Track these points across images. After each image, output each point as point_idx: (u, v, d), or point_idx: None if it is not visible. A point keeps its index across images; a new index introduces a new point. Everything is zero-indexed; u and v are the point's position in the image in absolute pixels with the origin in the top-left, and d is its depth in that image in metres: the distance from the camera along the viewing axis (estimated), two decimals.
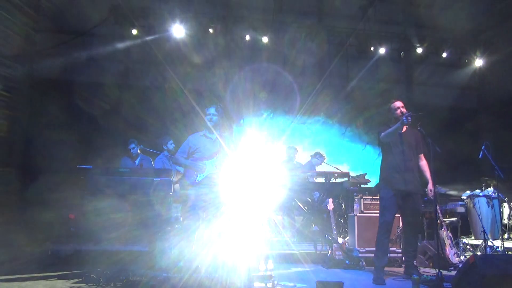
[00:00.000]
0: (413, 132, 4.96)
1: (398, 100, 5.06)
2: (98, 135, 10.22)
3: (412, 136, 4.96)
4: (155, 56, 11.75)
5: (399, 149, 4.85)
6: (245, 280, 3.88)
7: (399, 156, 4.83)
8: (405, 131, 4.93)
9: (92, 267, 4.82)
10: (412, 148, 4.91)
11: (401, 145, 4.84)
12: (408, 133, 4.96)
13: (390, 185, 4.81)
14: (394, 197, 4.76)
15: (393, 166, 4.84)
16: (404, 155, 4.81)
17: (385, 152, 4.99)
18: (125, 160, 6.96)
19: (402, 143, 4.85)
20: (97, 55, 11.41)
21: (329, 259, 5.53)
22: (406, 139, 4.89)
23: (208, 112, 4.80)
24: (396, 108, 4.93)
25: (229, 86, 12.02)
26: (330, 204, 6.03)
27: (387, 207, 4.79)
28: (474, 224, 6.49)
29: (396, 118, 4.86)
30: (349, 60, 12.10)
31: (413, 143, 4.94)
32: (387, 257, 4.78)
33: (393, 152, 4.87)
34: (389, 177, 4.84)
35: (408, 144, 4.89)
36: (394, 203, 4.76)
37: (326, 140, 11.17)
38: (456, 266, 5.29)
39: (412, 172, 4.81)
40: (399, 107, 4.92)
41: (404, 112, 4.82)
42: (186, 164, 4.72)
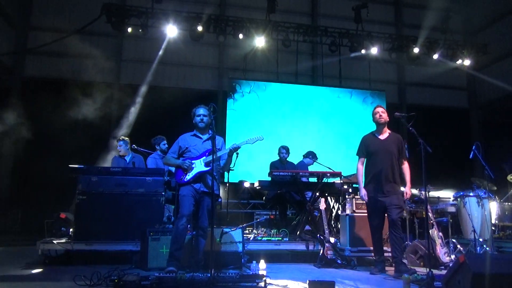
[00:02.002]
0: (394, 139, 5.13)
1: (380, 106, 5.31)
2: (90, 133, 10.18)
3: (393, 143, 5.11)
4: (148, 55, 11.74)
5: (379, 158, 5.08)
6: (236, 278, 3.88)
7: (379, 164, 5.04)
8: (386, 138, 5.12)
9: (83, 267, 4.81)
10: (393, 155, 5.05)
11: (381, 154, 5.05)
12: (389, 141, 5.12)
13: (370, 192, 5.07)
14: (376, 203, 5.01)
15: (373, 175, 5.08)
16: (383, 164, 5.01)
17: (366, 160, 5.23)
18: (117, 159, 6.92)
19: (381, 152, 5.04)
20: (89, 54, 11.36)
21: (321, 259, 5.54)
22: (386, 147, 5.06)
23: (198, 113, 4.78)
24: (375, 113, 5.20)
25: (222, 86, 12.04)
26: (322, 203, 6.04)
27: (372, 212, 5.10)
28: (465, 224, 6.53)
29: (376, 122, 5.20)
30: (342, 60, 12.16)
31: (394, 151, 5.08)
32: (382, 252, 5.11)
33: (373, 161, 5.11)
34: (369, 185, 5.10)
35: (389, 152, 5.05)
36: (378, 208, 5.01)
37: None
38: (447, 265, 5.31)
39: (390, 180, 5.00)
40: (378, 112, 5.17)
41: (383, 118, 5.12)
42: (176, 163, 4.70)
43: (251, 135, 4.89)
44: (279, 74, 11.97)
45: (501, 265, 3.50)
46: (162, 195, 5.93)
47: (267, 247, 6.01)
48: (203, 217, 4.63)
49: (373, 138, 5.22)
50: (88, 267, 4.62)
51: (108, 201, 5.68)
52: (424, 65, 12.33)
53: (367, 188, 5.13)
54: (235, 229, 5.41)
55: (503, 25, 12.17)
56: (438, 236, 5.72)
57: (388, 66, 13.01)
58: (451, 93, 13.54)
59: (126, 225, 5.59)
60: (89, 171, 5.78)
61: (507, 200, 7.70)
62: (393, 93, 12.88)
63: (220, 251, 5.13)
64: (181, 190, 4.65)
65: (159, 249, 4.97)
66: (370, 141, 5.23)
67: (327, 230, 5.74)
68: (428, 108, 12.79)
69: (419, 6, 13.57)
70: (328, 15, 12.84)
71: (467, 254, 4.99)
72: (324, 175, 6.74)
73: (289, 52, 11.72)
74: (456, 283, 3.51)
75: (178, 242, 4.47)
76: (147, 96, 11.15)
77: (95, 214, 5.57)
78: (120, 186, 5.81)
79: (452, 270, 3.63)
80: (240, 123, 11.15)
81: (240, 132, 10.74)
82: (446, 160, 10.26)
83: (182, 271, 4.25)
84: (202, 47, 11.95)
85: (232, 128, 11.04)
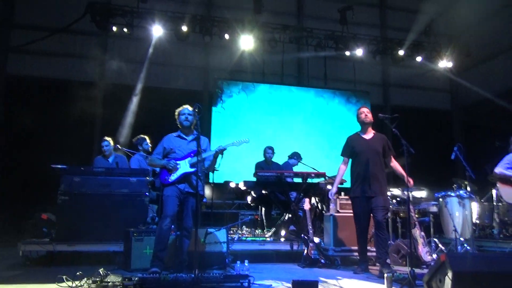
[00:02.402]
0: (379, 139, 5.18)
1: (364, 107, 5.39)
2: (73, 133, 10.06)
3: (378, 142, 5.15)
4: (133, 55, 11.65)
5: (364, 157, 5.09)
6: (220, 279, 3.88)
7: (364, 164, 5.07)
8: (371, 138, 5.17)
9: (65, 268, 4.74)
10: (378, 154, 5.09)
11: (366, 153, 5.06)
12: (374, 140, 5.16)
13: (356, 192, 5.10)
14: (362, 204, 5.04)
15: (359, 175, 5.10)
16: (369, 164, 5.03)
17: (352, 160, 5.27)
18: (100, 159, 6.84)
19: (367, 151, 5.07)
20: (73, 53, 11.24)
21: (305, 258, 5.58)
22: (371, 146, 5.10)
23: (183, 112, 4.77)
24: (360, 113, 5.25)
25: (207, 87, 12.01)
26: (307, 204, 6.08)
27: (359, 213, 5.12)
28: (446, 223, 6.63)
29: (360, 122, 5.25)
30: (327, 62, 12.24)
31: (380, 150, 5.12)
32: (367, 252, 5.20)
33: (359, 161, 5.13)
34: (355, 185, 5.13)
35: (374, 151, 5.08)
36: (364, 209, 5.04)
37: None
38: (428, 264, 5.40)
39: (376, 179, 5.03)
40: (363, 111, 5.24)
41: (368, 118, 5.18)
42: (161, 163, 4.67)
43: (237, 136, 4.91)
44: (265, 75, 11.99)
45: (481, 264, 3.56)
46: (146, 196, 5.90)
47: (252, 247, 6.03)
48: (188, 217, 4.62)
49: (359, 138, 5.25)
50: (70, 268, 4.56)
51: (91, 201, 5.63)
52: (408, 67, 12.47)
53: (354, 189, 5.14)
54: (220, 229, 5.41)
55: (485, 28, 12.38)
56: (420, 236, 5.80)
57: (372, 67, 13.12)
58: (435, 95, 13.73)
59: (110, 226, 5.55)
60: (72, 171, 5.72)
61: (488, 200, 7.84)
62: (377, 94, 13.00)
63: (204, 251, 5.12)
64: (165, 190, 4.63)
65: (143, 250, 4.94)
66: (355, 141, 5.25)
67: (311, 230, 5.77)
68: (411, 110, 12.94)
69: (404, 9, 13.74)
70: (314, 17, 12.90)
71: (448, 253, 5.07)
72: (308, 175, 6.78)
73: (275, 53, 11.74)
74: (437, 281, 3.57)
75: (162, 243, 4.45)
76: (131, 96, 11.06)
77: (77, 215, 5.52)
78: (104, 187, 5.77)
79: (433, 269, 3.69)
80: (226, 124, 11.14)
81: (225, 133, 10.73)
82: (428, 161, 10.37)
83: (165, 271, 4.24)
84: (188, 47, 11.90)
85: (217, 129, 11.02)
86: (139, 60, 11.68)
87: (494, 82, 12.25)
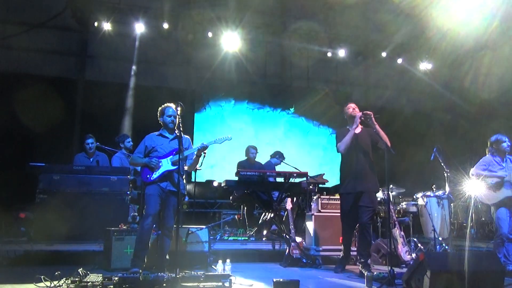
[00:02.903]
0: (368, 133, 5.13)
1: (352, 102, 5.33)
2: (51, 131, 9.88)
3: (367, 136, 5.12)
4: (115, 51, 11.49)
5: (354, 152, 5.04)
6: (202, 278, 3.87)
7: (355, 159, 5.02)
8: (360, 132, 5.12)
9: (43, 268, 4.65)
10: (368, 148, 5.07)
11: (356, 148, 5.03)
12: (364, 134, 5.13)
13: (347, 189, 5.02)
14: (351, 201, 4.98)
15: (350, 169, 5.03)
16: (359, 158, 5.01)
17: (342, 155, 5.16)
18: (79, 157, 6.71)
19: (357, 146, 5.04)
20: (53, 48, 11.03)
21: (287, 258, 5.60)
22: (361, 141, 5.08)
23: (169, 113, 4.73)
24: (348, 108, 5.21)
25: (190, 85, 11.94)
26: (289, 203, 6.11)
27: (347, 210, 5.04)
28: (425, 223, 6.76)
29: (349, 116, 5.16)
30: (310, 61, 12.30)
31: (369, 143, 5.10)
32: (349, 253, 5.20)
33: (349, 156, 5.06)
34: (346, 181, 5.05)
35: (364, 145, 5.06)
36: (353, 206, 4.98)
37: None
38: (408, 264, 5.48)
39: (367, 172, 4.98)
40: (351, 106, 5.20)
41: (356, 111, 5.09)
42: (142, 162, 4.63)
43: (219, 135, 4.89)
44: (248, 74, 11.98)
45: (458, 263, 3.64)
46: (127, 194, 5.84)
47: (234, 247, 6.03)
48: (169, 216, 4.59)
49: (349, 131, 5.13)
50: (48, 268, 4.46)
51: (71, 200, 5.55)
52: (389, 68, 12.64)
53: (345, 185, 5.04)
54: (201, 228, 5.39)
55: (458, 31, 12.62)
56: (400, 235, 5.89)
57: (354, 67, 13.26)
58: (415, 97, 13.92)
59: (89, 225, 5.48)
60: (51, 169, 5.62)
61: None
62: (359, 95, 13.13)
63: (185, 250, 5.10)
64: (147, 189, 4.58)
65: (123, 249, 4.89)
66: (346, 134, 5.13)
67: (293, 229, 5.80)
68: (392, 110, 13.10)
69: (386, 11, 13.91)
70: (298, 17, 12.94)
71: (427, 252, 5.16)
72: (290, 175, 6.80)
73: (258, 52, 11.75)
74: (415, 280, 3.64)
75: (143, 242, 4.42)
76: (112, 94, 10.92)
77: (56, 214, 5.42)
78: (84, 185, 5.69)
79: (412, 268, 3.76)
80: (208, 122, 11.10)
81: (208, 131, 10.70)
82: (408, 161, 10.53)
83: (146, 271, 4.20)
84: (171, 44, 11.81)
85: (200, 127, 10.98)
86: (120, 57, 11.54)
87: None
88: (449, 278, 3.53)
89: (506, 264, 4.96)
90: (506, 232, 5.12)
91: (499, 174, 5.25)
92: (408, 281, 3.75)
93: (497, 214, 5.21)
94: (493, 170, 5.34)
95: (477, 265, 3.64)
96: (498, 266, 3.71)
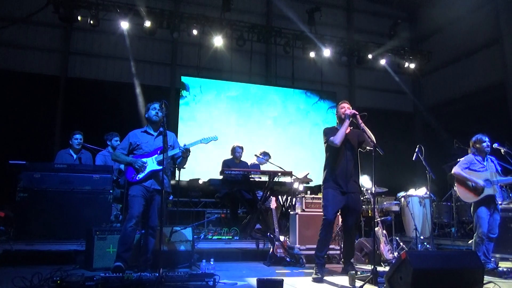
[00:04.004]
0: (356, 132, 5.10)
1: (345, 102, 5.19)
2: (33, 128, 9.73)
3: (355, 136, 5.10)
4: (98, 48, 11.37)
5: (342, 150, 4.97)
6: (185, 277, 3.85)
7: (342, 157, 4.94)
8: (348, 132, 5.07)
9: (23, 268, 4.57)
10: (355, 149, 5.07)
11: (344, 147, 4.97)
12: (352, 134, 5.10)
13: (332, 185, 4.89)
14: (335, 196, 4.84)
15: (337, 167, 4.92)
16: (347, 156, 4.94)
17: (330, 153, 5.07)
18: (62, 154, 6.59)
19: (345, 145, 4.98)
20: (35, 44, 10.85)
21: (271, 257, 5.61)
22: (349, 140, 5.04)
23: (154, 106, 4.69)
24: (341, 108, 5.06)
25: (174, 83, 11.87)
26: (273, 202, 6.12)
27: (328, 205, 4.85)
28: (407, 222, 6.86)
29: (340, 117, 5.01)
30: (294, 61, 12.35)
31: (356, 145, 5.07)
32: (325, 254, 4.93)
33: (337, 154, 4.96)
34: (332, 178, 4.92)
35: (352, 145, 5.05)
36: (336, 202, 4.84)
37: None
38: (390, 262, 5.54)
39: (353, 172, 4.95)
40: (344, 107, 5.05)
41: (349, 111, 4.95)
42: (126, 160, 4.57)
43: (204, 134, 4.87)
44: (233, 73, 11.96)
45: (439, 261, 3.69)
46: (109, 193, 5.77)
47: (218, 246, 6.01)
48: (154, 215, 4.54)
49: (337, 131, 4.98)
50: (28, 268, 4.40)
51: (52, 199, 5.47)
52: (373, 69, 12.77)
53: (329, 183, 4.90)
54: (186, 227, 5.36)
55: (449, 33, 12.84)
56: (382, 234, 5.95)
57: (339, 68, 13.37)
58: (398, 97, 14.10)
59: (71, 224, 5.40)
60: (31, 167, 5.53)
61: (447, 199, 8.15)
62: (343, 95, 13.22)
63: (169, 250, 5.07)
64: (131, 189, 4.51)
65: (106, 249, 4.83)
66: (335, 133, 4.97)
67: (277, 228, 5.82)
68: (376, 111, 13.23)
69: (370, 12, 14.07)
70: (283, 17, 12.99)
71: (409, 251, 5.22)
72: (275, 174, 6.81)
73: (243, 52, 11.74)
74: (398, 279, 3.68)
75: (126, 244, 4.35)
76: (96, 91, 10.79)
77: (37, 213, 5.34)
78: (65, 183, 5.61)
79: (394, 267, 3.80)
80: (193, 121, 11.04)
81: (193, 131, 10.63)
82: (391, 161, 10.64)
83: (129, 270, 4.16)
84: (155, 42, 11.73)
85: (184, 126, 10.91)
86: (104, 54, 11.41)
87: (455, 86, 12.73)
88: (430, 276, 3.57)
89: (485, 262, 5.05)
90: (486, 231, 5.20)
91: (479, 183, 5.29)
92: (391, 279, 3.78)
93: (477, 213, 5.28)
94: (474, 169, 5.42)
95: (457, 264, 3.70)
96: (478, 264, 3.77)
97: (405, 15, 14.38)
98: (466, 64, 12.37)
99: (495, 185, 5.31)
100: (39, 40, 10.90)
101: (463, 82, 12.43)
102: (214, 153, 8.90)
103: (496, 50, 11.21)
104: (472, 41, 12.01)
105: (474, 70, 12.10)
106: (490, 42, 11.48)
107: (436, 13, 13.17)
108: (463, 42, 12.28)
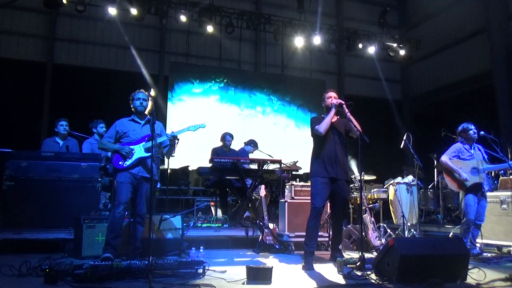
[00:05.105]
0: (343, 121, 5.10)
1: (332, 91, 5.17)
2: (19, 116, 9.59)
3: (342, 125, 5.10)
4: (85, 34, 11.19)
5: (330, 139, 4.97)
6: (175, 265, 3.86)
7: (330, 146, 4.93)
8: (335, 121, 5.06)
9: (11, 257, 4.54)
10: (343, 137, 5.06)
11: (332, 135, 4.97)
12: (339, 123, 5.10)
13: (320, 173, 4.87)
14: (324, 185, 4.82)
15: (324, 155, 4.90)
16: (335, 145, 4.94)
17: (317, 142, 5.06)
18: (48, 142, 6.51)
19: (332, 133, 4.98)
20: (19, 30, 10.65)
21: (260, 244, 5.65)
22: (336, 129, 5.04)
23: (138, 96, 4.64)
24: (328, 97, 5.02)
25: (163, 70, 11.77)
26: (262, 190, 6.14)
27: (317, 194, 4.83)
28: (395, 209, 6.93)
29: (327, 106, 4.98)
30: (284, 49, 12.30)
31: (343, 133, 5.07)
32: (316, 243, 4.85)
33: (325, 142, 4.94)
34: (320, 166, 4.89)
35: (339, 133, 5.04)
36: (324, 190, 4.82)
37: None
38: (377, 249, 5.61)
39: (341, 161, 4.94)
40: (331, 96, 5.01)
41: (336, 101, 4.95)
42: (113, 148, 4.53)
43: (193, 122, 4.84)
44: (222, 61, 11.89)
45: (425, 248, 3.75)
46: (98, 181, 5.73)
47: (207, 234, 6.02)
48: (141, 203, 4.53)
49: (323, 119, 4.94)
50: (17, 257, 4.36)
51: (39, 187, 5.41)
52: (362, 57, 12.78)
53: (317, 169, 4.87)
54: (175, 215, 5.36)
55: (438, 22, 12.88)
56: (370, 221, 6.02)
57: (329, 56, 13.36)
58: (387, 85, 14.16)
59: (59, 213, 5.36)
60: (18, 155, 5.45)
61: (433, 187, 8.25)
62: (332, 83, 13.24)
63: (159, 238, 5.07)
64: (118, 176, 4.49)
65: (94, 237, 4.81)
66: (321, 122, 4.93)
67: (266, 216, 5.85)
68: (365, 99, 13.29)
69: (359, 1, 14.05)
70: (272, 4, 12.90)
71: (396, 238, 5.29)
72: (264, 162, 6.81)
73: (232, 39, 11.66)
74: (385, 265, 3.73)
75: (114, 231, 4.35)
76: (83, 78, 10.65)
77: (24, 201, 5.28)
78: (53, 172, 5.54)
79: (382, 253, 3.85)
80: (182, 109, 10.98)
81: (181, 118, 10.57)
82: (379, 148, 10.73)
83: (118, 259, 4.16)
84: (143, 29, 11.59)
85: (173, 114, 10.85)
86: (91, 40, 11.24)
87: (443, 74, 12.82)
88: (417, 262, 3.63)
89: (471, 248, 5.14)
90: (473, 218, 5.29)
91: (462, 176, 5.34)
92: (378, 265, 3.84)
93: (465, 201, 5.36)
94: (464, 158, 5.50)
95: (443, 250, 3.76)
96: (463, 250, 3.83)
97: (394, 3, 14.39)
98: (455, 52, 12.45)
99: (481, 173, 5.39)
100: (24, 26, 10.69)
101: (451, 71, 12.53)
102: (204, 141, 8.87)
103: (484, 38, 11.29)
104: (461, 30, 12.08)
105: (462, 58, 12.19)
106: (478, 30, 11.55)
107: (425, 1, 13.19)
108: (451, 31, 12.34)
